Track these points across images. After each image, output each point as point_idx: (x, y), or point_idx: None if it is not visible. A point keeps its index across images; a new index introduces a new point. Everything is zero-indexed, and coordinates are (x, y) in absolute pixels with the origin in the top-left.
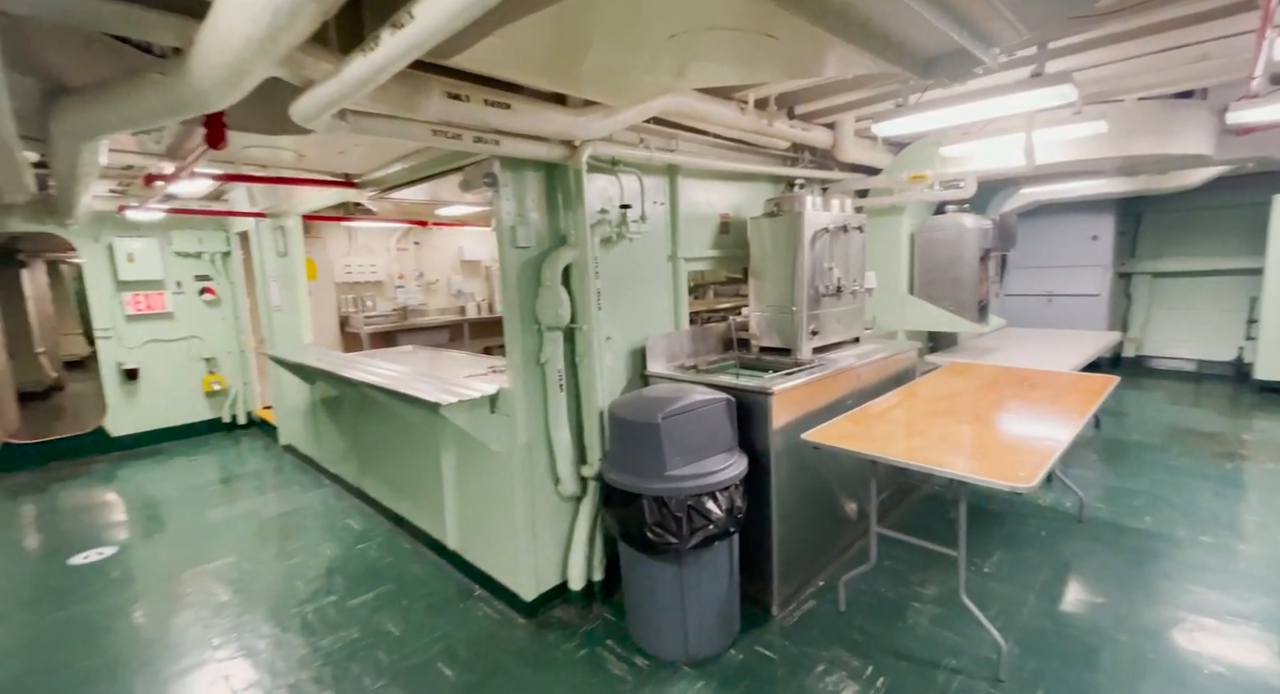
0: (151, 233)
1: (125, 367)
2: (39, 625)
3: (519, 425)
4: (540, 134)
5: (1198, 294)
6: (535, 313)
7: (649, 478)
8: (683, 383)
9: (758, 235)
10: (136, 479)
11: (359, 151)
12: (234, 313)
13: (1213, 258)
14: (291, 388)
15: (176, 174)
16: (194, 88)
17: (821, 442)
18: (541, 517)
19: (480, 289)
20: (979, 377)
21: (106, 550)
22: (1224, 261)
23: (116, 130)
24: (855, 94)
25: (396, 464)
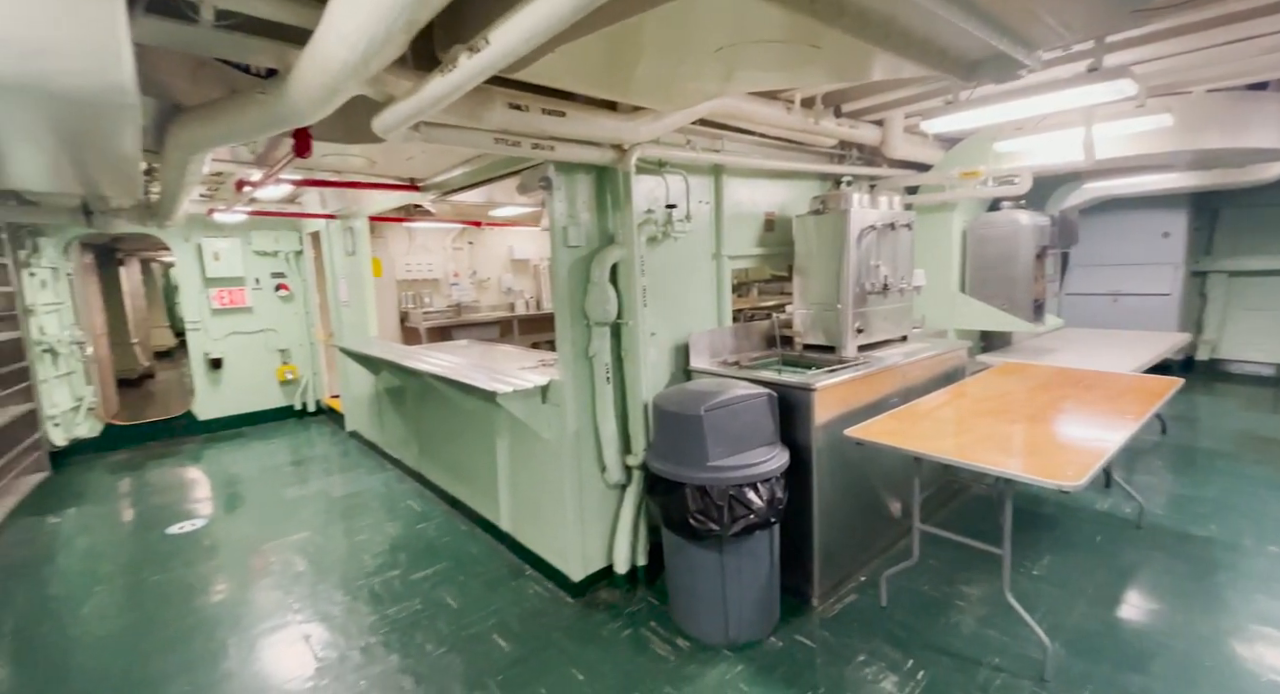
0: (234, 233)
1: (211, 356)
2: (144, 586)
3: (568, 415)
4: (592, 139)
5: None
6: (584, 309)
7: (692, 468)
8: (725, 378)
9: (803, 233)
10: (221, 459)
11: (423, 158)
12: (305, 308)
13: None
14: (357, 378)
15: (264, 180)
16: (291, 106)
17: (864, 438)
18: (589, 502)
19: (529, 287)
20: (1032, 377)
21: (198, 522)
22: None
23: (222, 143)
24: (904, 91)
25: (454, 450)
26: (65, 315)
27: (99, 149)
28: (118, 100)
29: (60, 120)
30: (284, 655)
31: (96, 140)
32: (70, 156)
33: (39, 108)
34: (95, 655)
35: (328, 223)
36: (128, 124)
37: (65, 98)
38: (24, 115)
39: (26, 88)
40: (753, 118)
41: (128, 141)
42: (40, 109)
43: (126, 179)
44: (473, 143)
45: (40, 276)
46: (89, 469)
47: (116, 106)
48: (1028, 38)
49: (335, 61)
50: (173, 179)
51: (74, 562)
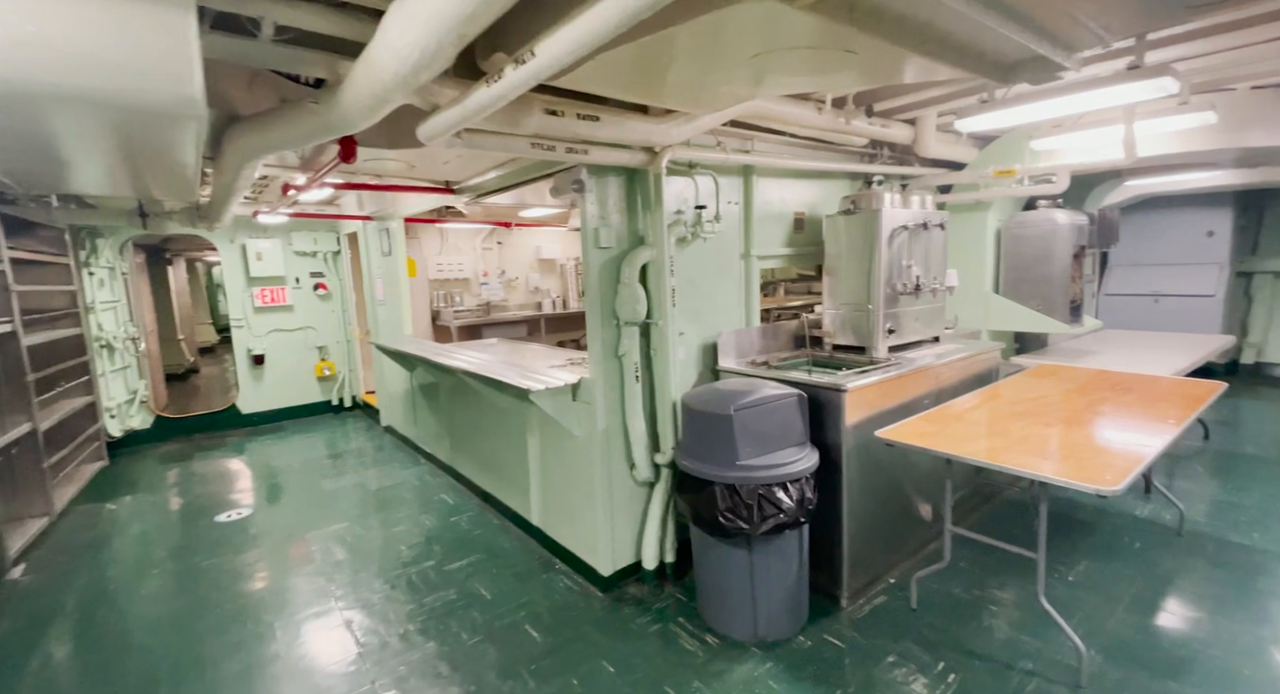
0: (276, 235)
1: (254, 353)
2: (195, 571)
3: (598, 413)
4: (624, 142)
5: None
6: (614, 309)
7: (721, 466)
8: (754, 378)
9: (833, 233)
10: (263, 451)
11: (459, 162)
12: (342, 306)
13: None
14: (392, 375)
15: (309, 184)
16: (342, 114)
17: (896, 439)
18: (618, 499)
19: (555, 286)
20: (1068, 379)
21: (244, 511)
22: None
23: (275, 150)
24: (937, 90)
25: (486, 446)
26: (121, 312)
27: (163, 157)
28: (187, 112)
29: (133, 131)
30: (327, 640)
31: (162, 149)
32: (135, 164)
33: (117, 119)
34: (152, 635)
35: (364, 224)
36: (192, 133)
37: (142, 111)
38: (103, 126)
39: (109, 102)
40: (783, 119)
41: (190, 149)
42: (117, 121)
43: (183, 184)
44: (510, 148)
45: (98, 275)
46: (141, 459)
47: (185, 118)
48: (1067, 40)
49: (387, 72)
50: (225, 183)
51: (130, 546)
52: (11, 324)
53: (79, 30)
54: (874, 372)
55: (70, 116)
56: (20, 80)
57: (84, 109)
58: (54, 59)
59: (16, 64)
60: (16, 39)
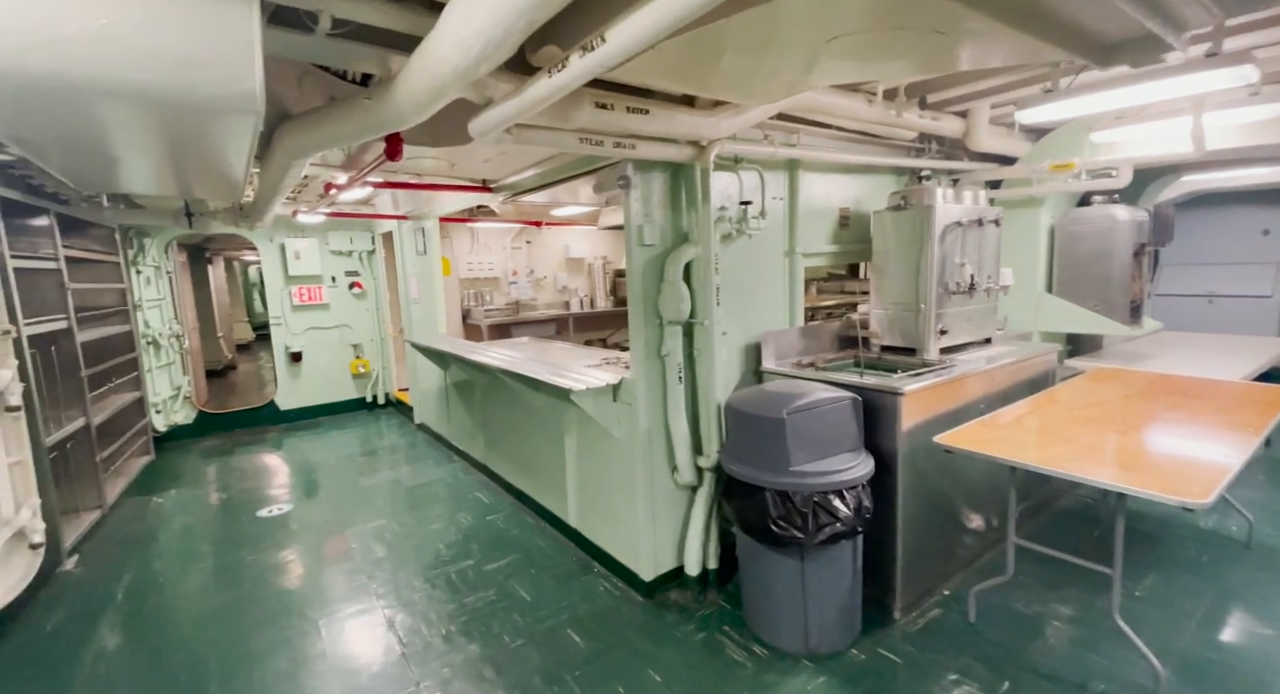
0: (313, 234)
1: (292, 350)
2: (240, 566)
3: (640, 414)
4: (672, 136)
5: None
6: (657, 308)
7: (772, 472)
8: (802, 380)
9: (882, 230)
10: (302, 447)
11: (500, 159)
12: (376, 304)
13: None
14: (426, 373)
15: (351, 183)
16: (395, 110)
17: (955, 445)
18: (659, 502)
19: (583, 285)
20: (1130, 384)
21: (285, 506)
22: None
23: (325, 148)
24: (996, 80)
25: (521, 444)
26: (166, 310)
27: (216, 154)
28: (246, 107)
29: (190, 127)
30: (371, 638)
31: (217, 146)
32: (189, 162)
33: (176, 116)
34: (200, 629)
35: (399, 223)
36: (249, 130)
37: (202, 106)
38: (161, 123)
39: (172, 98)
40: (832, 111)
41: (244, 146)
42: (177, 117)
43: (232, 182)
44: (559, 143)
45: (145, 274)
46: (185, 453)
47: (244, 114)
48: (1181, 17)
49: (446, 65)
50: (272, 182)
51: (177, 540)
52: (67, 321)
53: (145, 25)
54: (929, 374)
55: (131, 113)
56: (86, 76)
57: (146, 106)
58: (120, 55)
59: (83, 60)
60: (83, 35)
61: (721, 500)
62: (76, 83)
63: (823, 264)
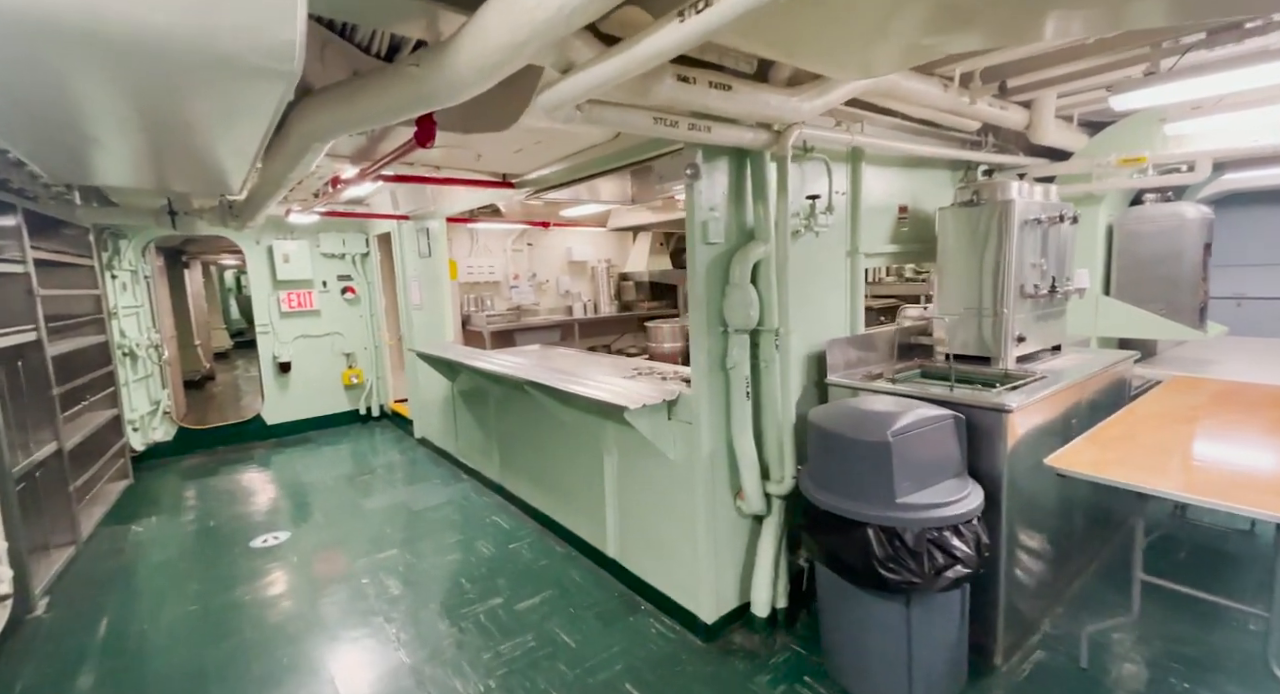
0: (303, 236)
1: (280, 360)
2: (235, 608)
3: (702, 434)
4: (751, 117)
5: None
6: (721, 313)
7: (874, 504)
8: (884, 395)
9: (949, 227)
10: (293, 466)
11: (536, 149)
12: (370, 310)
13: None
14: (428, 383)
15: (363, 176)
16: (450, 78)
17: (1074, 470)
18: (721, 534)
19: (586, 289)
20: (1219, 393)
21: (281, 535)
22: None
23: (355, 128)
24: (1081, 63)
25: (546, 464)
26: (143, 318)
27: (225, 134)
28: (280, 66)
29: (200, 94)
30: None
31: (228, 122)
32: (188, 145)
33: (186, 78)
34: (196, 688)
35: (399, 224)
36: (274, 99)
37: (222, 64)
38: (164, 89)
39: (184, 49)
40: (907, 96)
41: (261, 122)
42: (186, 80)
43: (234, 172)
44: (632, 124)
45: (121, 279)
46: (165, 474)
47: (274, 77)
48: None
49: (533, 15)
50: (278, 173)
51: (162, 577)
52: (36, 332)
53: None
54: (1027, 387)
55: (127, 74)
56: (73, 18)
57: (147, 62)
58: None
59: None
60: None
61: (800, 533)
62: (60, 27)
63: (881, 265)
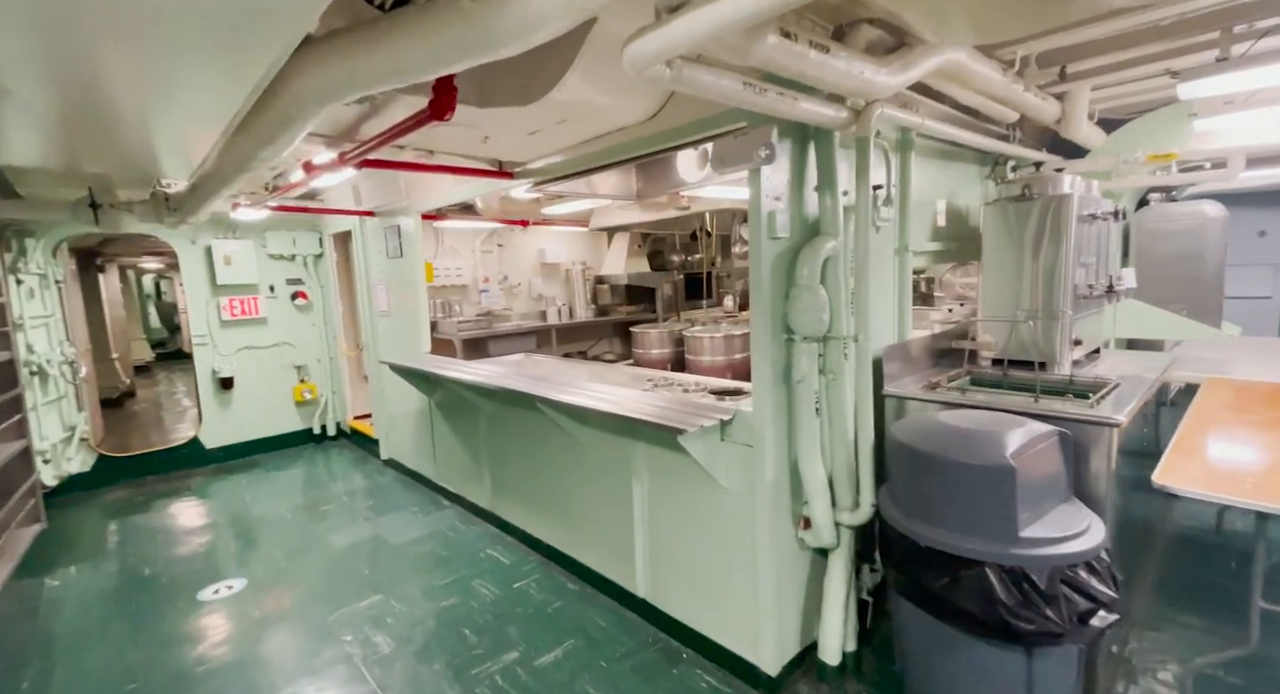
0: (247, 234)
1: (221, 375)
2: (188, 683)
3: (766, 458)
4: (838, 88)
5: None
6: (787, 318)
7: (994, 540)
8: (957, 407)
9: (995, 223)
10: (241, 496)
11: (558, 131)
12: (325, 318)
13: None
14: (397, 398)
15: (343, 160)
16: (523, 13)
17: (1192, 490)
18: (784, 572)
19: (560, 293)
20: (1270, 395)
21: (235, 583)
22: None
23: (373, 86)
24: (1142, 49)
25: (553, 489)
26: (55, 330)
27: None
28: None
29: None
30: None
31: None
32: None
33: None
34: None
35: (361, 221)
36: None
37: None
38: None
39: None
40: (969, 77)
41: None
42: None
43: (197, 145)
44: (721, 90)
45: (28, 284)
46: (85, 512)
47: (290, 13)
48: None
49: None
50: (247, 151)
51: (89, 645)
52: None
53: None
54: (1111, 396)
55: None
56: None
57: None
58: None
59: None
60: None
61: (894, 571)
62: None
63: (923, 264)
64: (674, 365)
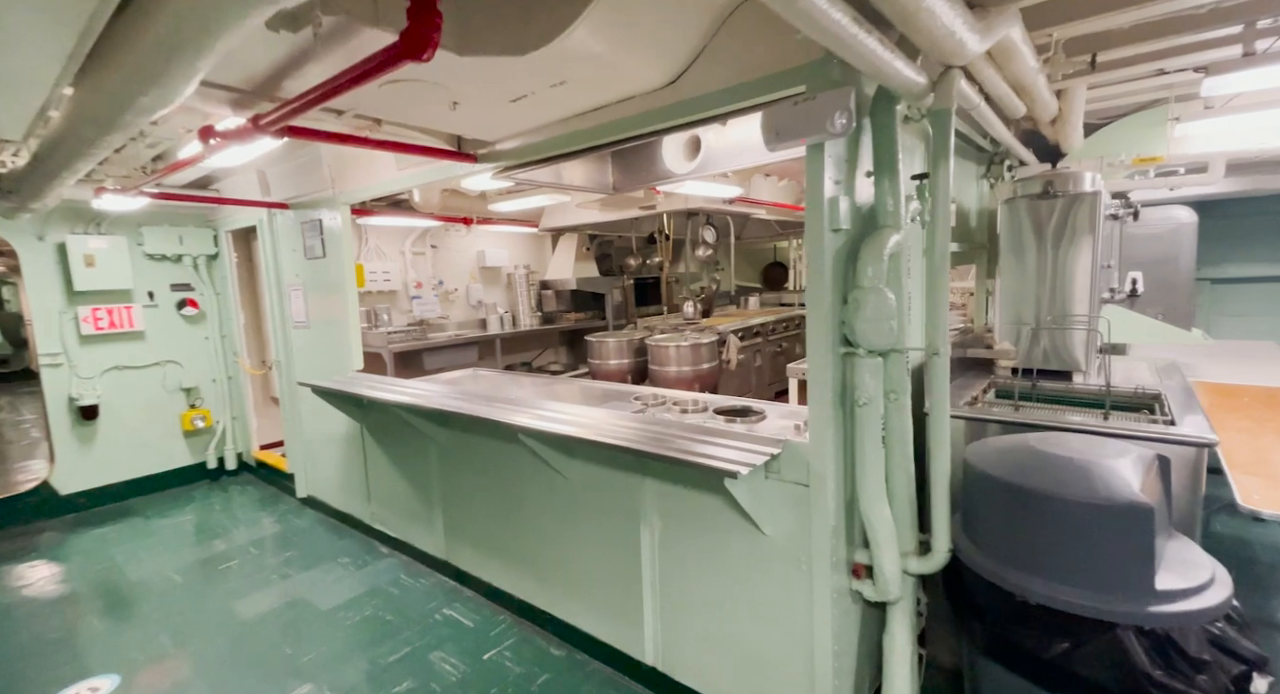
0: (117, 229)
1: (81, 403)
2: None
3: (828, 499)
4: (928, 41)
5: None
6: (847, 328)
7: (1127, 596)
8: (1009, 425)
9: (1013, 223)
10: (110, 555)
11: (552, 97)
12: (221, 330)
13: None
14: (319, 423)
15: (259, 126)
16: None
17: None
18: (844, 630)
19: (502, 299)
20: (1262, 399)
21: (103, 684)
22: None
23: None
24: (1167, 41)
25: (529, 534)
26: None
27: None
28: None
29: None
30: None
31: None
32: None
33: None
34: None
35: (270, 215)
36: None
37: None
38: None
39: None
40: (1010, 58)
41: None
42: None
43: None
44: (831, 25)
45: None
46: None
47: None
48: None
49: None
50: (114, 100)
51: None
52: None
53: None
54: (1176, 409)
55: None
56: None
57: None
58: None
59: None
60: None
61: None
62: None
63: None
64: (634, 377)
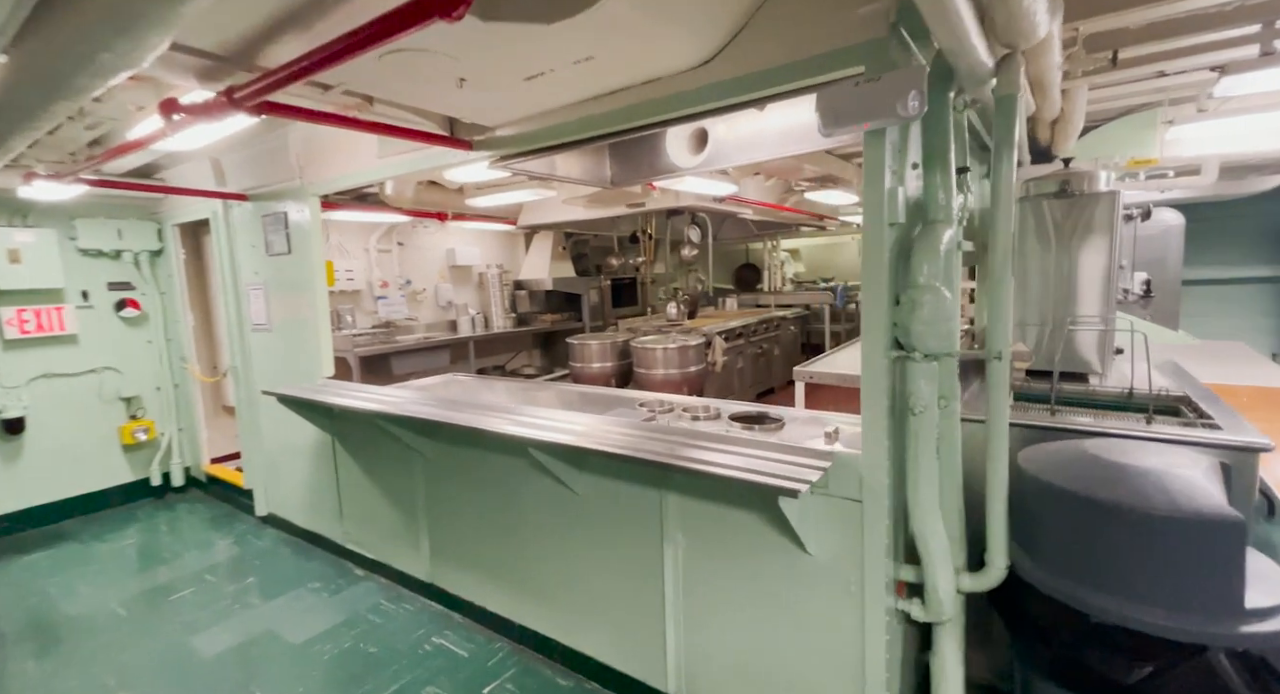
0: (47, 221)
1: (4, 415)
2: None
3: (881, 516)
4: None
5: None
6: (900, 330)
7: (1217, 616)
8: (1051, 432)
9: (1030, 221)
10: (41, 586)
11: (576, 74)
12: (165, 333)
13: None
14: (280, 434)
15: (233, 101)
16: None
17: None
18: (895, 655)
19: (473, 300)
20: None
21: None
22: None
23: None
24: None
25: (531, 553)
26: None
27: None
28: None
29: None
30: None
31: None
32: None
33: None
34: None
35: (226, 206)
36: None
37: None
38: None
39: None
40: (1043, 51)
41: None
42: None
43: None
44: None
45: None
46: None
47: None
48: None
49: None
50: (58, 65)
51: None
52: None
53: None
54: (1213, 412)
55: None
56: None
57: None
58: None
59: None
60: None
61: (1039, 649)
62: None
63: None
64: (618, 380)
